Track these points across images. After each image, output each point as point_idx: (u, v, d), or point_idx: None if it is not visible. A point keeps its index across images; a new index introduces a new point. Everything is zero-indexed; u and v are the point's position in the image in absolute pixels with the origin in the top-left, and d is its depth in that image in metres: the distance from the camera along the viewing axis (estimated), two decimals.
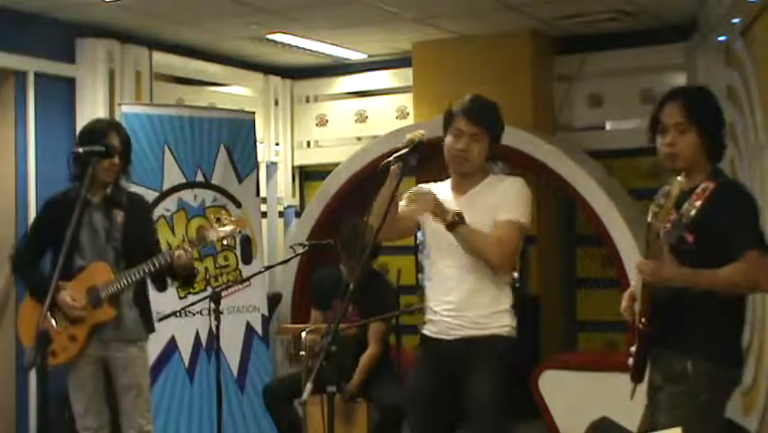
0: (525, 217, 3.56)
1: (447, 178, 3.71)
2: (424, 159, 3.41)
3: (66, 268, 4.09)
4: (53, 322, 4.18)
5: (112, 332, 4.25)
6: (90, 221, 4.23)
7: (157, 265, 4.15)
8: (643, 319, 3.16)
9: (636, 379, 3.27)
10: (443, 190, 3.62)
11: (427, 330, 3.62)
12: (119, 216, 4.26)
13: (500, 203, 3.53)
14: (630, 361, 3.26)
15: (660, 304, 3.15)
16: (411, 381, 3.74)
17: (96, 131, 4.27)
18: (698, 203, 3.07)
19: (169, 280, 4.50)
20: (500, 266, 3.50)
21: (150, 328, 4.41)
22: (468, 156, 3.54)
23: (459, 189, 3.61)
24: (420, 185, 3.57)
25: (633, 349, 3.25)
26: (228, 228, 4.33)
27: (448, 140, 3.58)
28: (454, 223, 3.44)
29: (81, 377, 4.29)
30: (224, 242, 4.47)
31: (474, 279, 3.49)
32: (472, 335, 3.48)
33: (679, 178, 3.01)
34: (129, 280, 4.16)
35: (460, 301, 3.50)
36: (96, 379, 4.32)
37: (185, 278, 4.43)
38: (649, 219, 3.04)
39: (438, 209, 3.47)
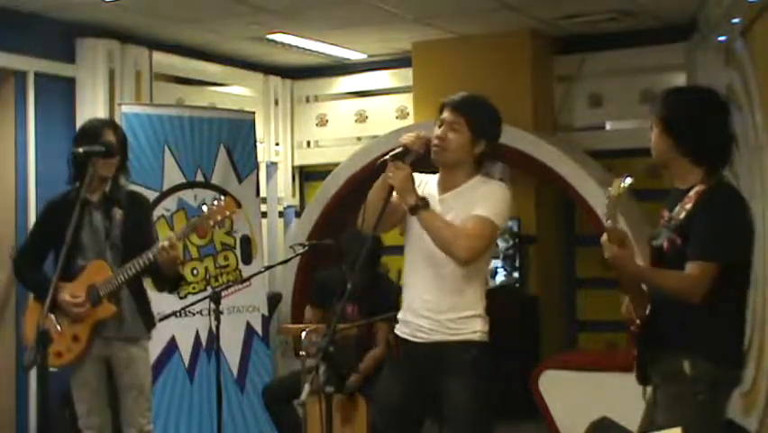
0: (499, 218, 3.39)
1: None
2: (419, 159, 3.40)
3: (68, 268, 4.13)
4: (56, 323, 4.20)
5: (113, 330, 4.26)
6: (90, 221, 4.24)
7: (151, 258, 4.13)
8: (637, 321, 3.17)
9: (641, 381, 3.25)
10: (432, 184, 3.53)
11: (399, 331, 3.53)
12: (118, 213, 4.27)
13: (477, 201, 3.38)
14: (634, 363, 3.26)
15: (658, 304, 3.15)
16: (382, 384, 3.62)
17: (92, 130, 4.27)
18: (688, 206, 3.07)
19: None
20: (465, 260, 3.32)
21: (150, 325, 4.41)
22: (444, 145, 3.40)
23: (444, 186, 3.49)
24: (414, 173, 3.45)
25: (634, 351, 3.24)
26: (219, 216, 4.27)
27: (434, 131, 3.49)
28: (417, 206, 3.33)
29: (85, 376, 4.30)
30: (217, 227, 4.40)
31: (447, 281, 3.38)
32: (444, 340, 3.39)
33: (623, 182, 2.99)
34: (125, 275, 4.16)
35: (432, 302, 3.40)
36: (99, 378, 4.33)
37: (170, 280, 4.34)
38: (605, 220, 3.06)
39: (403, 188, 3.34)
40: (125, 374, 4.28)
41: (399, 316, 3.53)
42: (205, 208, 4.29)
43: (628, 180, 2.99)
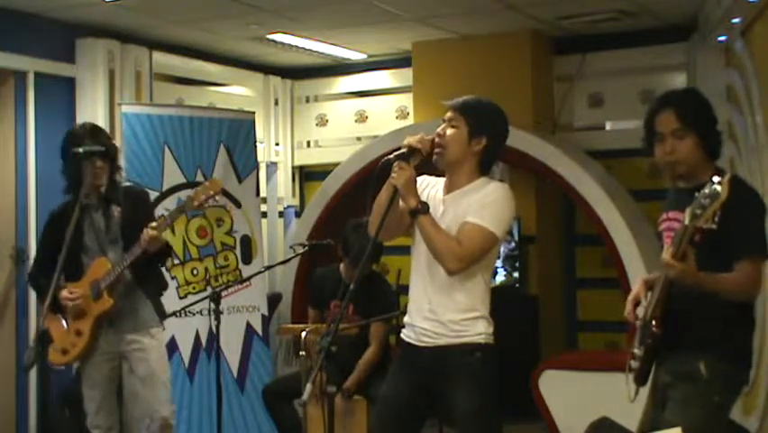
0: (495, 226, 3.30)
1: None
2: (425, 162, 3.39)
3: (76, 270, 4.29)
4: (63, 322, 4.31)
5: (124, 323, 4.33)
6: (91, 223, 4.33)
7: (140, 250, 4.19)
8: (654, 322, 3.13)
9: (641, 382, 3.22)
10: (439, 186, 3.50)
11: (404, 335, 3.49)
12: (116, 211, 4.36)
13: (474, 205, 3.33)
14: (633, 363, 3.21)
15: (671, 305, 3.13)
16: (384, 387, 3.55)
17: (72, 137, 4.38)
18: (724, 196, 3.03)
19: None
20: (453, 270, 3.29)
21: (162, 314, 4.47)
22: (443, 142, 3.37)
23: (448, 188, 3.45)
24: (421, 177, 3.44)
25: (636, 351, 3.20)
26: (203, 196, 4.30)
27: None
28: (417, 210, 3.30)
29: (96, 375, 4.36)
30: (204, 206, 4.44)
31: (450, 282, 3.34)
32: (448, 343, 3.34)
33: (723, 179, 2.86)
34: (122, 266, 4.23)
35: (435, 304, 3.37)
36: (111, 378, 4.39)
37: (155, 255, 4.33)
38: (687, 220, 2.90)
39: (406, 190, 3.31)
40: (140, 366, 4.34)
41: (405, 319, 3.50)
42: (192, 191, 4.37)
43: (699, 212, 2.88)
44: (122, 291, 4.31)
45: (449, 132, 3.39)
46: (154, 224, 4.17)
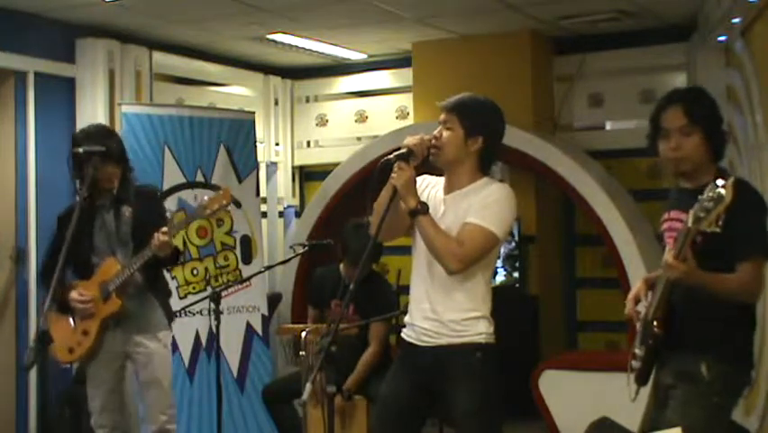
0: (496, 227, 3.31)
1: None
2: (424, 162, 3.39)
3: (86, 270, 4.32)
4: (71, 320, 4.33)
5: (133, 325, 4.34)
6: (102, 223, 4.35)
7: (151, 253, 4.20)
8: (655, 322, 3.13)
9: (642, 382, 3.22)
10: (439, 186, 3.50)
11: (405, 334, 3.50)
12: (127, 211, 4.37)
13: (475, 206, 3.33)
14: (635, 363, 3.21)
15: (673, 305, 3.13)
16: (384, 387, 3.55)
17: (74, 138, 4.38)
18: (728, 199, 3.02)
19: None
20: (453, 270, 3.29)
21: (170, 317, 4.49)
22: (438, 144, 3.37)
23: (447, 188, 3.46)
24: (421, 177, 3.44)
25: (637, 352, 3.20)
26: (216, 205, 4.31)
27: None
28: (416, 210, 3.30)
29: (102, 374, 4.38)
30: (213, 217, 4.45)
31: (450, 282, 3.34)
32: (449, 343, 3.35)
33: (727, 183, 2.83)
34: (132, 268, 4.24)
35: (435, 305, 3.37)
36: (117, 378, 4.40)
37: (166, 259, 4.35)
38: (690, 223, 2.87)
39: (406, 190, 3.31)
40: (143, 371, 4.36)
41: (406, 319, 3.50)
42: (206, 198, 4.37)
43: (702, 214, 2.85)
44: (131, 293, 4.33)
45: (444, 134, 3.39)
46: (165, 229, 4.17)
